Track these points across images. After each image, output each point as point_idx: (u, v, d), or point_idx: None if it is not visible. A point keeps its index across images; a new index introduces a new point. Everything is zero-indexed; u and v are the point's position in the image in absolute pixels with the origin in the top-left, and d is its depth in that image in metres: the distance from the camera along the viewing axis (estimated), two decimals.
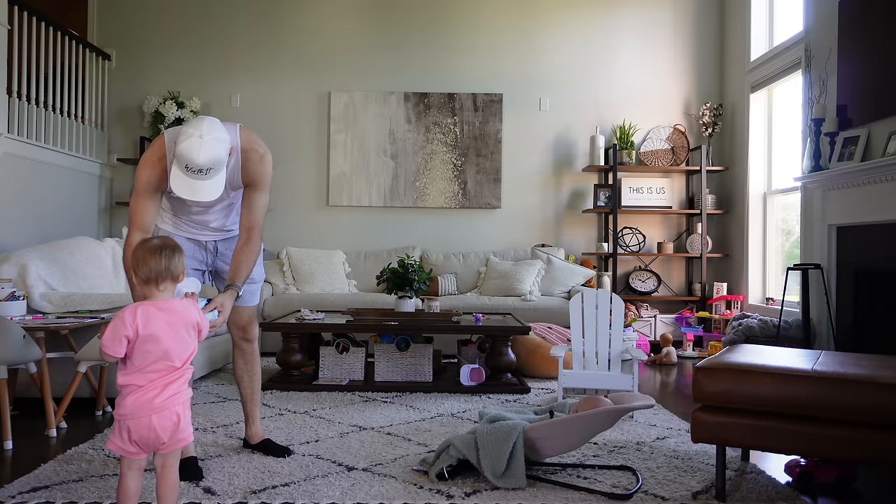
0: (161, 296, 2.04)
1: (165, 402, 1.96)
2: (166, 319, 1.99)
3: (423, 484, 2.53)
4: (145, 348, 1.95)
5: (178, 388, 2.00)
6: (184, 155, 2.24)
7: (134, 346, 1.95)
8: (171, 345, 1.98)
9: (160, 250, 2.04)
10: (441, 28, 6.41)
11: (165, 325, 1.98)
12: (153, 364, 1.96)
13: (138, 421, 1.93)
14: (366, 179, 6.36)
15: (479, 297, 5.63)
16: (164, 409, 1.95)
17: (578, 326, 3.73)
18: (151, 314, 1.97)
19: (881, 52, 4.01)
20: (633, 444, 3.09)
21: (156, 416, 1.94)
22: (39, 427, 3.24)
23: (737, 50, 6.10)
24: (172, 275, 2.05)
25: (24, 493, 2.40)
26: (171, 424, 1.97)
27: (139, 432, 1.94)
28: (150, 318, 1.97)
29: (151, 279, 2.02)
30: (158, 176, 2.45)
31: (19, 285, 3.75)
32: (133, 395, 1.94)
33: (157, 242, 2.07)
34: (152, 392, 1.95)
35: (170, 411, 1.97)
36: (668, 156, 6.32)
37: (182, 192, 2.30)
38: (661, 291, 6.33)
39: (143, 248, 2.06)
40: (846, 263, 4.34)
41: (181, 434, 2.00)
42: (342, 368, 4.33)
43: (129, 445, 1.96)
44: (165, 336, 1.97)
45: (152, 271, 2.02)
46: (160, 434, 1.95)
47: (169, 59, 6.37)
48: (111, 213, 6.33)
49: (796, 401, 2.29)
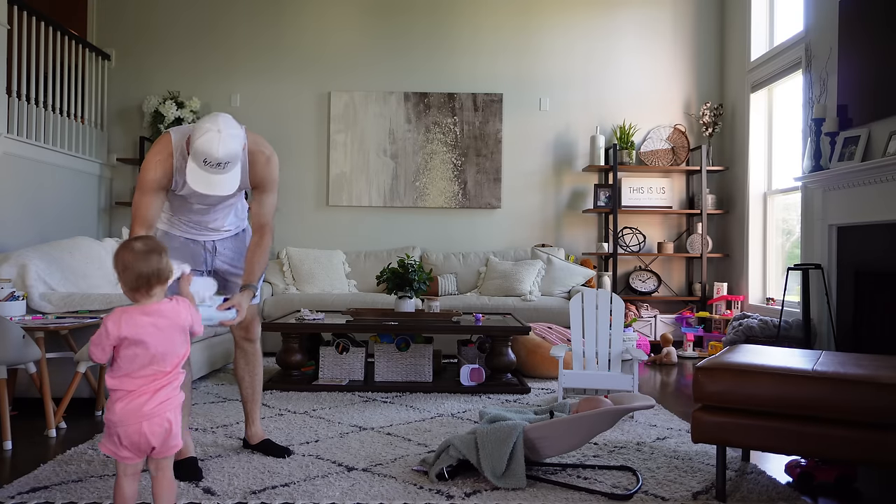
0: (150, 300, 1.95)
1: (156, 408, 1.90)
2: (153, 322, 1.92)
3: (423, 484, 2.53)
4: (131, 353, 1.89)
5: (168, 393, 1.94)
6: (202, 150, 2.28)
7: (119, 350, 1.90)
8: (159, 349, 1.91)
9: (148, 253, 1.94)
10: (441, 28, 6.40)
11: (153, 328, 1.91)
12: (141, 369, 1.90)
13: (128, 427, 1.88)
14: (366, 179, 6.35)
15: (479, 297, 5.63)
16: (155, 416, 1.90)
17: (578, 326, 3.73)
18: (136, 321, 1.90)
19: (881, 51, 4.01)
20: (634, 445, 3.08)
21: (146, 423, 1.89)
22: (39, 427, 3.24)
23: (737, 50, 6.10)
24: (162, 278, 1.96)
25: (24, 493, 2.40)
26: (163, 431, 1.91)
27: (129, 438, 1.89)
28: (135, 323, 1.89)
29: (141, 286, 1.93)
30: (164, 173, 2.47)
31: (19, 285, 3.75)
32: (122, 401, 1.89)
33: (141, 246, 1.95)
34: (142, 398, 1.90)
35: (160, 418, 1.91)
36: (668, 156, 6.31)
37: (199, 186, 2.33)
38: (662, 291, 6.33)
39: (127, 251, 1.93)
40: (846, 263, 4.33)
41: (173, 440, 1.95)
42: (342, 368, 4.33)
43: (121, 450, 1.91)
44: (153, 340, 1.90)
45: (140, 277, 1.92)
46: (151, 440, 1.90)
47: (169, 59, 6.37)
48: (111, 213, 6.33)
49: (797, 401, 2.29)
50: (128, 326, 1.89)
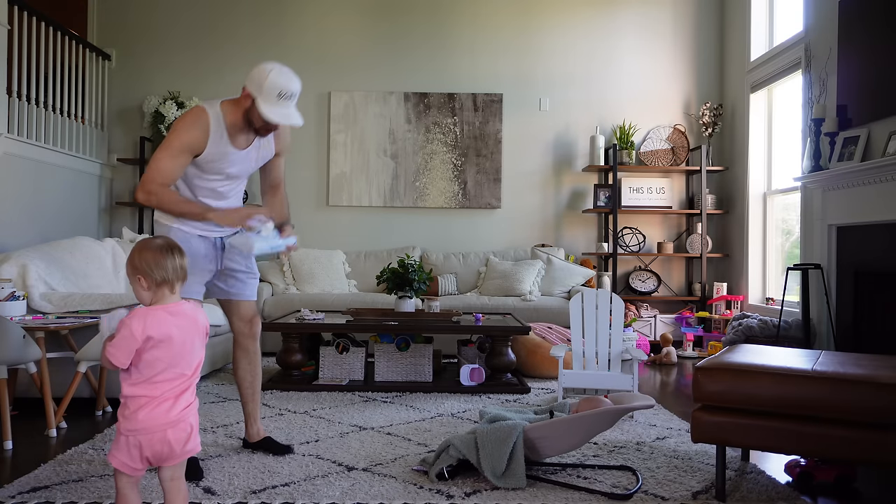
0: (173, 298, 1.91)
1: (180, 413, 1.84)
2: (177, 324, 1.86)
3: (423, 484, 2.53)
4: (154, 356, 1.82)
5: (190, 397, 1.89)
6: (277, 83, 2.50)
7: (141, 354, 1.82)
8: (181, 352, 1.85)
9: (170, 249, 1.91)
10: (441, 28, 6.41)
11: (177, 330, 1.85)
12: (162, 373, 1.83)
13: (153, 436, 1.80)
14: (366, 179, 6.36)
15: (479, 297, 5.63)
16: (180, 422, 1.84)
17: (578, 326, 3.73)
18: (162, 319, 1.84)
19: (881, 52, 4.01)
20: (633, 444, 3.09)
21: (171, 430, 1.82)
22: (39, 427, 3.24)
23: (737, 50, 6.10)
24: (184, 274, 1.93)
25: (24, 493, 2.40)
26: (185, 436, 1.85)
27: (153, 447, 1.81)
28: (162, 323, 1.83)
29: (167, 280, 1.88)
30: (202, 133, 2.54)
31: (19, 285, 3.75)
32: (146, 409, 1.81)
33: (163, 242, 1.93)
34: (166, 404, 1.83)
35: (184, 423, 1.85)
36: (668, 156, 6.32)
37: (278, 118, 2.53)
38: (661, 291, 6.33)
39: (149, 249, 1.90)
40: (846, 263, 4.34)
41: (191, 444, 1.88)
42: (342, 368, 4.33)
43: (138, 462, 1.82)
44: (177, 343, 1.84)
45: (169, 271, 1.88)
46: (175, 447, 1.83)
47: (169, 60, 6.37)
48: (111, 213, 6.33)
49: (796, 401, 2.29)
50: (153, 326, 1.82)
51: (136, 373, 1.84)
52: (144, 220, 6.25)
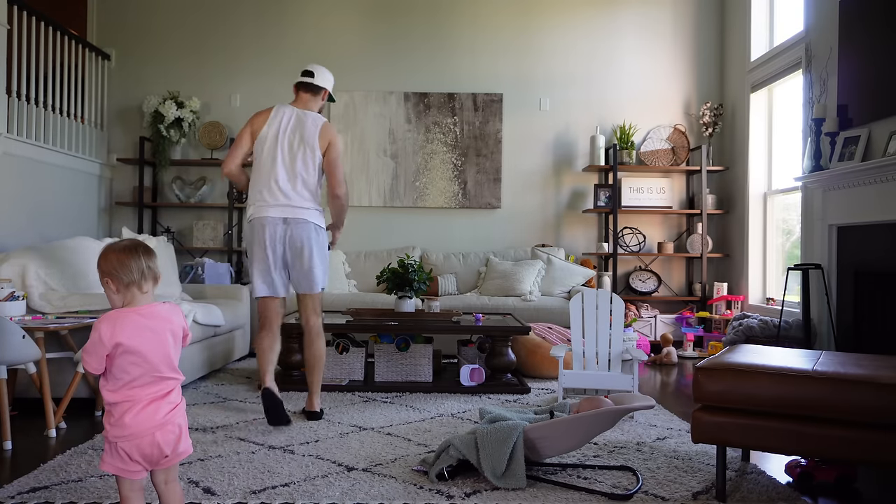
0: (144, 299, 1.87)
1: (167, 416, 1.83)
2: (150, 326, 1.83)
3: (423, 484, 2.53)
4: (127, 361, 1.79)
5: (175, 398, 1.88)
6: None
7: (113, 360, 1.79)
8: (157, 355, 1.83)
9: (135, 250, 1.87)
10: (441, 28, 6.40)
11: (150, 333, 1.82)
12: (138, 378, 1.81)
13: (142, 440, 1.80)
14: (366, 179, 6.35)
15: (479, 297, 5.63)
16: (168, 424, 1.83)
17: (578, 326, 3.73)
18: (133, 322, 1.81)
19: (881, 51, 4.01)
20: (634, 445, 3.08)
21: (159, 433, 1.81)
22: (39, 427, 3.24)
23: (737, 50, 6.10)
24: (155, 274, 1.89)
25: (24, 493, 2.40)
26: (174, 438, 1.85)
27: (142, 450, 1.81)
28: (133, 326, 1.80)
29: (134, 281, 1.85)
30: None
31: (19, 285, 3.75)
32: (131, 413, 1.79)
33: (128, 243, 1.89)
34: (151, 407, 1.82)
35: (172, 424, 1.84)
36: (668, 156, 6.31)
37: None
38: (662, 291, 6.33)
39: (114, 251, 1.86)
40: (846, 263, 4.33)
41: (182, 446, 1.88)
42: (342, 368, 4.33)
43: (130, 465, 1.82)
44: (150, 346, 1.82)
45: (135, 272, 1.84)
46: (164, 449, 1.83)
47: (169, 59, 6.37)
48: (111, 213, 6.32)
49: (797, 401, 2.29)
50: (122, 331, 1.79)
51: (112, 379, 1.82)
52: (144, 220, 6.25)
